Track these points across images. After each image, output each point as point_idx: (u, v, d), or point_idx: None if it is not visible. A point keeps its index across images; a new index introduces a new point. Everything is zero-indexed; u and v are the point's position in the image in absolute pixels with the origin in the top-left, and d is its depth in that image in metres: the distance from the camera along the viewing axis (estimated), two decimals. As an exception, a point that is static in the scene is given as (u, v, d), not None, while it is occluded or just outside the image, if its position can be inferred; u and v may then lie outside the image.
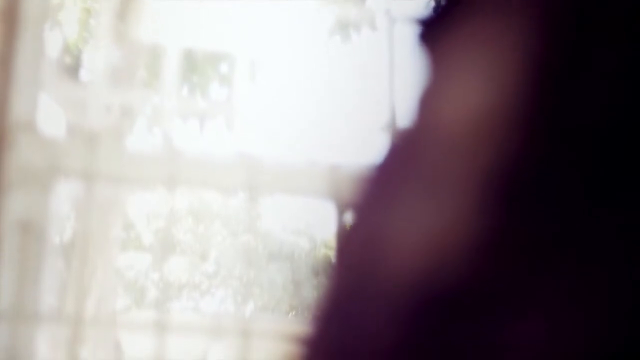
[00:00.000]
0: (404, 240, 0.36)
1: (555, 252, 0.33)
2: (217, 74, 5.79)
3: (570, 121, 0.34)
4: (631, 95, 0.34)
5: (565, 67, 0.35)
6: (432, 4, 0.41)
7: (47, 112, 3.36)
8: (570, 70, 0.35)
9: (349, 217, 0.40)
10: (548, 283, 0.33)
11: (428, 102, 0.39)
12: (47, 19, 2.61)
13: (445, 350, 0.34)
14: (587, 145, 0.34)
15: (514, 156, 0.35)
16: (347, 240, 0.39)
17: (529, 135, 0.35)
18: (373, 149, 0.41)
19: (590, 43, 0.35)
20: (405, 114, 0.40)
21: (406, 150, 0.38)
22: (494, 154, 0.35)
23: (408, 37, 0.43)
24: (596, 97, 0.34)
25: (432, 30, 0.40)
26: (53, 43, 5.18)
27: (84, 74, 5.41)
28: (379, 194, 0.38)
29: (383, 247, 0.37)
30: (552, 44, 0.35)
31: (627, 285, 0.32)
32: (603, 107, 0.34)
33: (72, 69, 5.37)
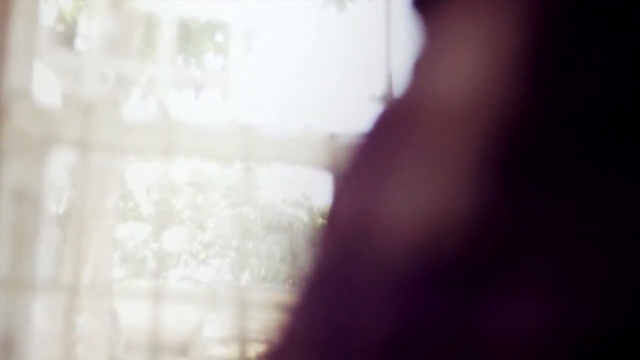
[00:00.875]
0: (398, 210, 0.35)
1: (553, 226, 0.32)
2: (213, 44, 5.77)
3: (568, 92, 0.34)
4: (628, 66, 0.33)
5: (562, 36, 0.34)
6: None
7: (42, 81, 3.35)
8: (568, 40, 0.34)
9: (339, 185, 0.39)
10: (546, 257, 0.32)
11: (423, 70, 0.38)
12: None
13: (439, 324, 0.33)
14: (584, 117, 0.33)
15: (510, 126, 0.34)
16: (337, 209, 0.38)
17: (526, 105, 0.34)
18: (370, 118, 0.40)
19: (587, 12, 0.34)
20: (401, 83, 0.39)
21: (400, 118, 0.38)
22: (491, 123, 0.35)
23: (404, 6, 0.42)
24: (594, 67, 0.34)
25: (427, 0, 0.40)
26: (48, 12, 5.16)
27: (79, 43, 5.39)
28: (372, 163, 0.38)
29: (376, 217, 0.36)
30: (549, 12, 0.35)
31: (626, 261, 0.31)
32: (602, 78, 0.33)
33: (67, 38, 5.35)
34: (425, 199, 0.35)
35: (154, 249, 12.57)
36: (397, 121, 0.38)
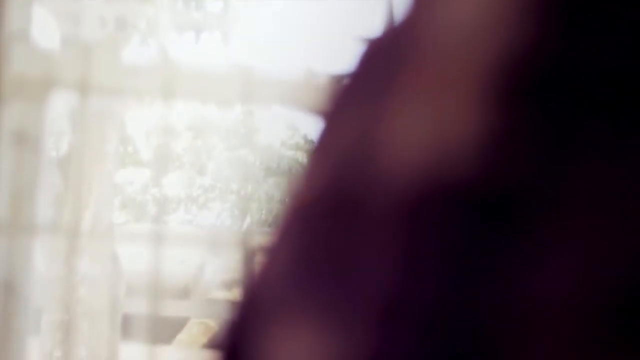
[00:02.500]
0: (402, 135, 0.34)
1: (567, 152, 0.32)
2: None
3: (577, 19, 0.33)
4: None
5: None
6: None
7: (42, 24, 3.33)
8: None
9: (332, 113, 0.38)
10: (560, 184, 0.31)
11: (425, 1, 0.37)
12: None
13: (446, 252, 0.32)
14: (596, 41, 0.32)
15: (518, 51, 0.33)
16: (332, 137, 0.37)
17: (534, 30, 0.33)
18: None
19: None
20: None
21: (402, 44, 0.36)
22: (497, 49, 0.34)
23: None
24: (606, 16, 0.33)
25: None
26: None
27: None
28: (373, 88, 0.36)
29: (378, 144, 0.35)
30: None
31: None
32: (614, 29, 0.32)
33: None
34: (432, 123, 0.34)
35: (154, 194, 12.57)
36: (398, 47, 0.37)
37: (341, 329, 0.33)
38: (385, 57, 0.37)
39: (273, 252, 0.37)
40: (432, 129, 0.34)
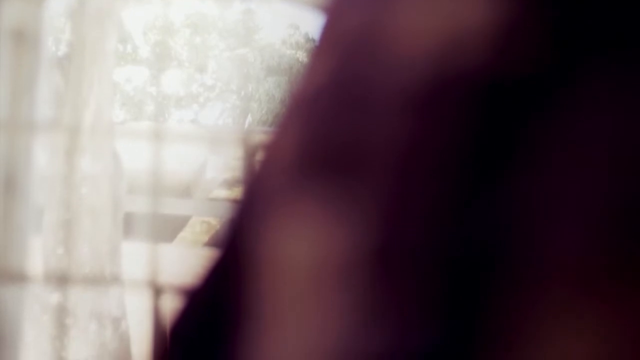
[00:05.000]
0: (412, 25, 0.33)
1: (578, 41, 0.31)
2: None
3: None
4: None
5: None
6: None
7: None
8: None
9: (337, 4, 0.37)
10: (570, 71, 0.31)
11: None
12: None
13: (455, 139, 0.31)
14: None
15: None
16: (338, 23, 0.36)
17: None
18: None
19: None
20: None
21: None
22: None
23: None
24: None
25: None
26: None
27: None
28: None
29: (387, 33, 0.34)
30: None
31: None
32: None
33: None
34: (442, 9, 0.33)
35: (153, 92, 12.54)
36: None
37: (345, 222, 0.32)
38: None
39: (275, 147, 0.36)
40: (443, 15, 0.33)
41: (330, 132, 0.34)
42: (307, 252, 0.33)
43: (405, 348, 0.30)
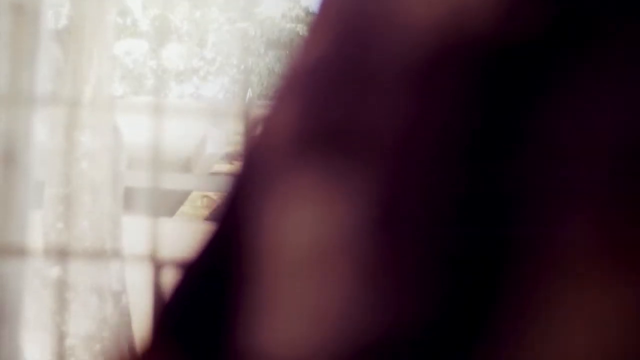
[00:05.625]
0: None
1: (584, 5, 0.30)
2: None
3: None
4: None
5: None
6: None
7: None
8: None
9: None
10: (578, 32, 0.30)
11: None
12: None
13: (463, 105, 0.31)
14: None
15: None
16: None
17: None
18: None
19: None
20: None
21: None
22: None
23: None
24: None
25: None
26: None
27: None
28: None
29: (389, 4, 0.33)
30: None
31: None
32: None
33: None
34: None
35: (153, 66, 12.53)
36: None
37: (345, 194, 0.32)
38: None
39: (274, 120, 0.36)
40: None
41: (330, 105, 0.33)
42: (306, 226, 0.33)
43: (406, 319, 0.30)
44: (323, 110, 0.33)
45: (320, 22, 0.35)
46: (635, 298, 0.28)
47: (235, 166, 0.37)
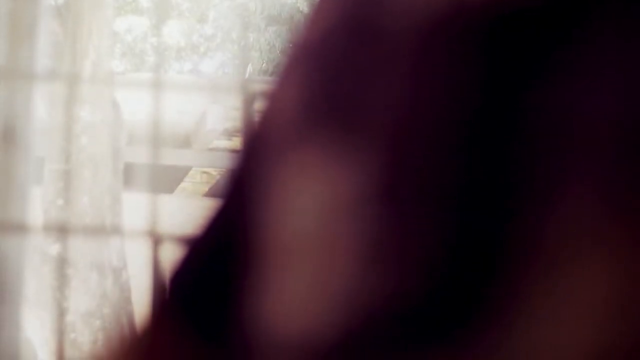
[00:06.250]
0: None
1: None
2: None
3: None
4: None
5: None
6: None
7: None
8: None
9: None
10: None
11: None
12: None
13: (467, 72, 0.30)
14: None
15: None
16: None
17: None
18: None
19: None
20: None
21: None
22: None
23: None
24: None
25: None
26: None
27: None
28: None
29: None
30: None
31: None
32: None
33: None
34: None
35: (154, 42, 12.53)
36: None
37: (350, 167, 0.32)
38: None
39: (278, 95, 0.35)
40: None
41: (335, 81, 0.33)
42: (311, 201, 0.32)
43: (407, 293, 0.30)
44: (328, 87, 0.33)
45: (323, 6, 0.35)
46: None
47: (237, 142, 0.37)
